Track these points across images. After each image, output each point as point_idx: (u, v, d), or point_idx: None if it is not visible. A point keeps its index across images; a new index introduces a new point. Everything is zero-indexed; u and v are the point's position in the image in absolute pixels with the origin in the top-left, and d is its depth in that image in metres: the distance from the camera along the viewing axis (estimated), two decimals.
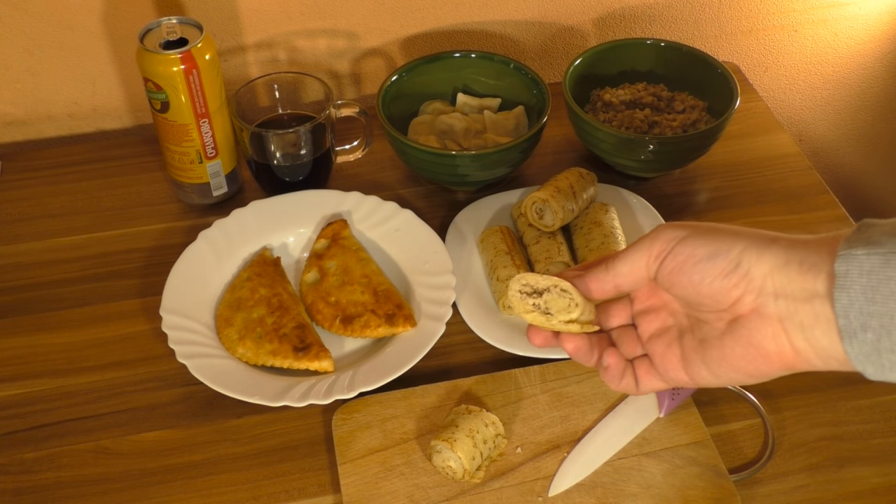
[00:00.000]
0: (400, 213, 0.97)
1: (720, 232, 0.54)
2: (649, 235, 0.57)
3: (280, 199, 0.99)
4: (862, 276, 0.47)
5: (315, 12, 1.15)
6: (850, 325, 0.48)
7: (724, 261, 0.53)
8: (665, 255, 0.55)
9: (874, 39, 1.34)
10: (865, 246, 0.47)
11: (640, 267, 0.57)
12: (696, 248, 0.54)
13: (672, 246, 0.55)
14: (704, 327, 0.57)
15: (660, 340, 0.60)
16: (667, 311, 0.60)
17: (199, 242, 0.94)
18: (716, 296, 0.53)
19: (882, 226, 0.48)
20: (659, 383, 0.61)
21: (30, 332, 0.92)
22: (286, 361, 0.85)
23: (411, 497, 0.75)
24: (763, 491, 0.77)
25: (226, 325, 0.88)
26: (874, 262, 0.46)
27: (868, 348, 0.47)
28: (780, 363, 0.53)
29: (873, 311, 0.47)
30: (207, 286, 0.92)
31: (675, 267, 0.55)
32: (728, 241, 0.53)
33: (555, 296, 0.59)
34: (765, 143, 1.12)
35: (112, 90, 1.16)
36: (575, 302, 0.59)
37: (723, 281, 0.53)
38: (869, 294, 0.47)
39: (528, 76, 1.06)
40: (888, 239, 0.47)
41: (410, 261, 0.94)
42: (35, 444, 0.82)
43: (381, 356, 0.85)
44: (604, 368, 0.61)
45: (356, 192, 0.99)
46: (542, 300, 0.60)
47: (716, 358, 0.56)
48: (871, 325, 0.47)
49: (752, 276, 0.52)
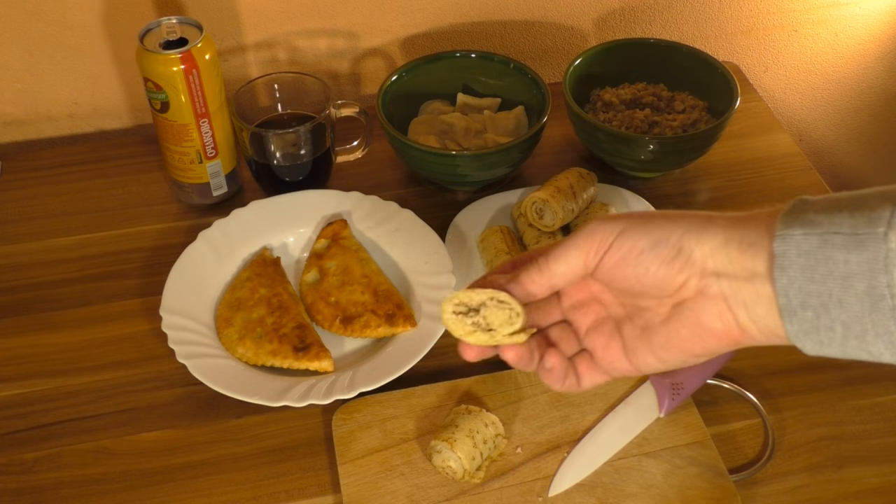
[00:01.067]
0: (400, 213, 0.97)
1: (657, 219, 0.54)
2: (583, 232, 0.55)
3: (280, 199, 0.99)
4: (800, 256, 0.48)
5: (315, 12, 1.15)
6: (790, 304, 0.48)
7: (665, 248, 0.52)
8: (604, 251, 0.54)
9: (874, 39, 1.34)
10: (802, 226, 0.48)
11: (577, 265, 0.55)
12: (637, 239, 0.53)
13: (611, 241, 0.54)
14: (645, 314, 0.56)
15: (598, 333, 0.59)
16: (598, 303, 0.59)
17: (199, 242, 0.94)
18: (660, 284, 0.53)
19: (817, 203, 0.49)
20: (601, 377, 0.60)
21: (30, 332, 0.92)
22: (286, 361, 0.85)
23: (411, 497, 0.75)
24: (763, 491, 0.77)
25: (226, 325, 0.88)
26: (812, 243, 0.47)
27: (808, 326, 0.48)
28: (728, 340, 0.53)
29: (812, 290, 0.47)
30: (207, 286, 0.92)
31: (617, 261, 0.54)
32: (667, 229, 0.53)
33: (493, 309, 0.56)
34: (765, 143, 1.12)
35: (112, 90, 1.16)
36: (516, 311, 0.56)
37: (667, 268, 0.53)
38: (808, 273, 0.47)
39: (528, 76, 1.06)
40: (824, 218, 0.48)
41: (410, 261, 0.94)
42: (35, 444, 0.82)
43: (381, 356, 0.85)
44: (547, 371, 0.59)
45: (356, 192, 0.99)
46: (481, 316, 0.56)
47: (662, 343, 0.55)
48: (811, 304, 0.48)
49: (695, 258, 0.52)
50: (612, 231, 0.54)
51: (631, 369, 0.58)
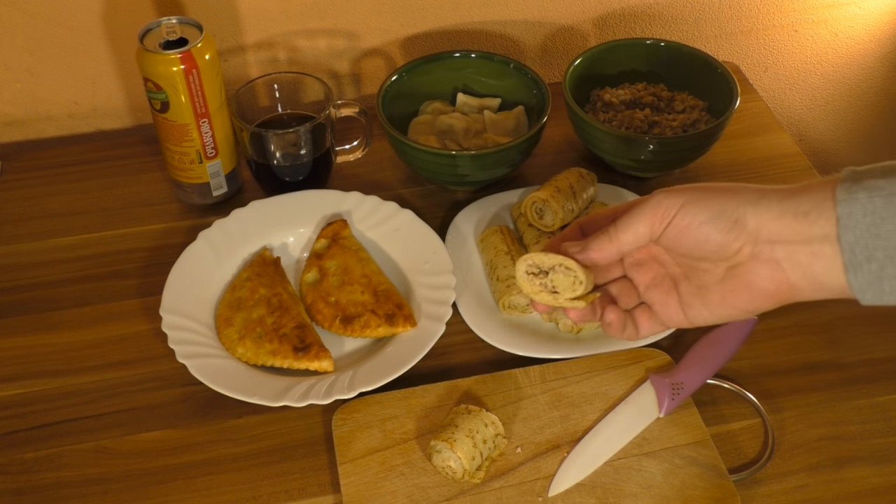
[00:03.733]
0: (400, 213, 0.97)
1: (715, 192, 0.60)
2: (649, 203, 0.61)
3: (280, 199, 0.99)
4: (866, 216, 0.55)
5: (315, 12, 1.15)
6: (856, 259, 0.55)
7: (723, 220, 0.59)
8: (668, 221, 0.61)
9: (874, 39, 1.34)
10: (866, 190, 0.55)
11: (643, 234, 0.62)
12: (698, 212, 0.60)
13: (674, 212, 0.60)
14: (702, 275, 0.63)
15: (657, 290, 0.66)
16: (657, 262, 0.66)
17: (199, 242, 0.94)
18: (718, 250, 0.60)
19: (871, 171, 0.56)
20: (659, 327, 0.67)
21: (30, 332, 0.92)
22: (286, 361, 0.85)
23: (411, 497, 0.75)
24: (763, 491, 0.77)
25: (226, 325, 0.88)
26: (877, 204, 0.54)
27: (872, 277, 0.55)
28: (778, 297, 0.60)
29: (878, 245, 0.54)
30: (207, 286, 0.92)
31: (680, 231, 0.60)
32: (725, 201, 0.59)
33: (560, 274, 0.63)
34: (765, 143, 1.12)
35: (112, 90, 1.16)
36: (579, 279, 0.63)
37: (724, 236, 0.59)
38: (873, 230, 0.54)
39: (528, 76, 1.06)
40: (885, 183, 0.55)
41: (410, 261, 0.94)
42: (35, 444, 0.82)
43: (381, 356, 0.85)
44: (607, 324, 0.66)
45: (356, 193, 0.99)
46: (549, 279, 0.64)
47: (716, 301, 0.62)
48: (876, 257, 0.55)
49: (750, 228, 0.59)
50: (675, 203, 0.60)
51: (686, 322, 0.65)
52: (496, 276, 0.91)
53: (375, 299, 0.89)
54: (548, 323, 0.90)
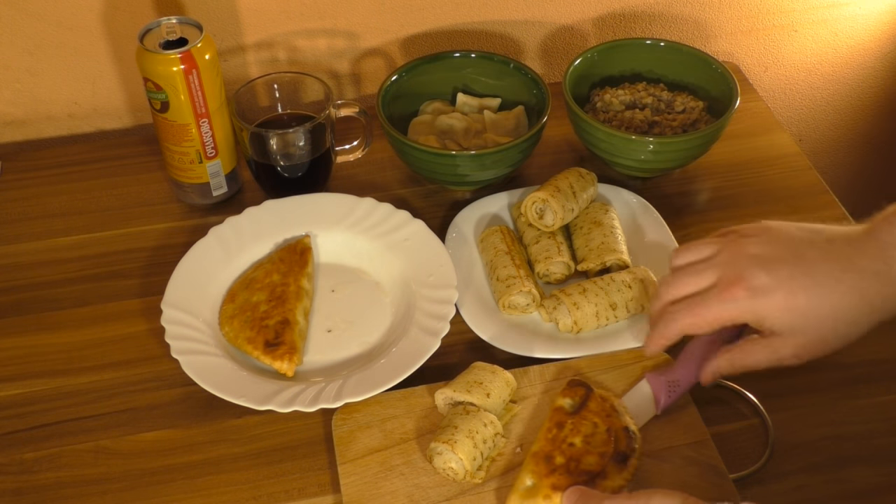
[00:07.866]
0: (411, 223, 0.96)
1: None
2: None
3: (294, 201, 0.99)
4: None
5: (315, 12, 1.15)
6: None
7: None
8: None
9: (874, 39, 1.34)
10: None
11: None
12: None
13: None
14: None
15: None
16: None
17: (209, 238, 0.94)
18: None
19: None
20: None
21: (30, 332, 0.92)
22: (255, 353, 0.86)
23: (411, 497, 0.75)
24: (763, 491, 0.77)
25: (230, 300, 0.89)
26: None
27: None
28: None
29: None
30: (213, 283, 0.92)
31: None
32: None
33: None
34: (765, 143, 1.12)
35: (112, 90, 1.16)
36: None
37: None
38: None
39: (528, 76, 1.06)
40: None
41: (415, 271, 0.93)
42: (35, 444, 0.82)
43: (373, 368, 0.84)
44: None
45: (370, 198, 0.98)
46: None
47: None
48: None
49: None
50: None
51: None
52: (496, 276, 0.91)
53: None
54: (548, 323, 0.90)
